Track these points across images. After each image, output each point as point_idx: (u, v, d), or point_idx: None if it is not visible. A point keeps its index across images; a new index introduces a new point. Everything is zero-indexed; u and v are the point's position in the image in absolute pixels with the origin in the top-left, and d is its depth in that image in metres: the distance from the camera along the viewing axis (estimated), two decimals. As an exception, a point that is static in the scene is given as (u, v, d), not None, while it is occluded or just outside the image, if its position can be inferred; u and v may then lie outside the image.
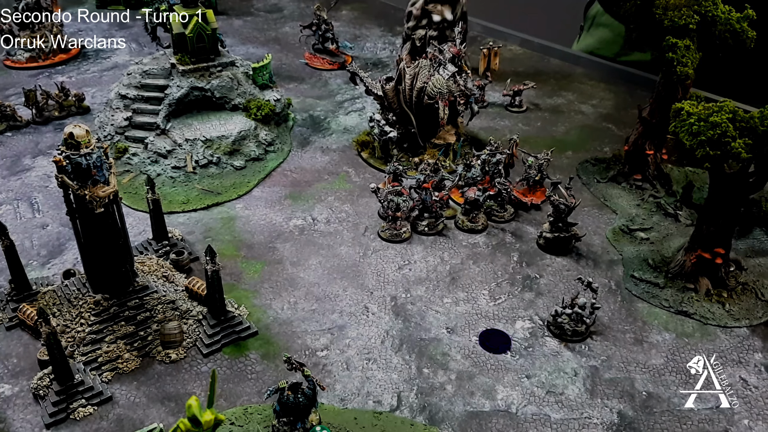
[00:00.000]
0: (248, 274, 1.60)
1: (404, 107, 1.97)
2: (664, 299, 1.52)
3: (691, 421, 1.26)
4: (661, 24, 1.69)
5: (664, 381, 1.34)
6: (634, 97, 2.50)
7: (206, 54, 2.05)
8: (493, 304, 1.52)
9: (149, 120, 2.02)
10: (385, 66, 2.75)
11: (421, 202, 1.75)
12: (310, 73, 2.67)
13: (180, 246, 1.63)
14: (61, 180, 1.23)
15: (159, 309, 1.40)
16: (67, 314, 1.37)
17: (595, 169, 2.04)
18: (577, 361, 1.38)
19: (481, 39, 2.88)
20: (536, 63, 2.82)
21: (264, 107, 2.08)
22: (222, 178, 1.94)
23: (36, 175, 1.97)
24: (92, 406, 1.26)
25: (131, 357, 1.35)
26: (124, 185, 1.89)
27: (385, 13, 3.28)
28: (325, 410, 1.24)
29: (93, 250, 1.32)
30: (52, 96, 2.24)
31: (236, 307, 1.47)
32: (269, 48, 2.86)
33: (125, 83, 2.10)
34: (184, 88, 2.00)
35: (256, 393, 1.30)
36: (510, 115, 2.40)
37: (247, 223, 1.79)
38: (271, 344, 1.41)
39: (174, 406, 1.27)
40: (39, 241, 1.70)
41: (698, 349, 1.42)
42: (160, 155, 1.96)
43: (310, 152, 2.12)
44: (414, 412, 1.26)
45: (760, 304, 1.51)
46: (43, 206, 1.84)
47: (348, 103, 2.42)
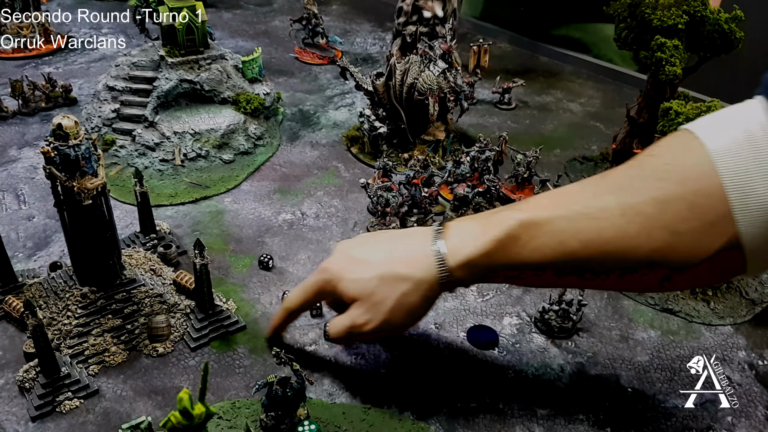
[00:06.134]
0: (236, 268, 1.60)
1: (394, 103, 1.97)
2: (649, 297, 1.53)
3: (676, 418, 1.27)
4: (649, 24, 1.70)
5: (650, 378, 1.36)
6: (621, 95, 2.52)
7: (195, 47, 2.04)
8: (481, 300, 1.53)
9: (137, 112, 2.01)
10: (375, 61, 2.75)
11: (411, 197, 1.75)
12: (300, 68, 2.67)
13: (168, 239, 1.62)
14: (49, 171, 1.22)
15: (146, 302, 1.39)
16: (54, 307, 1.36)
17: (583, 167, 2.05)
18: (563, 357, 1.39)
19: (471, 36, 2.89)
20: (525, 61, 2.83)
21: (253, 101, 2.07)
22: (210, 172, 1.93)
23: (22, 166, 1.95)
24: (79, 399, 1.25)
25: (118, 350, 1.34)
26: (112, 178, 1.87)
27: (376, 8, 3.27)
28: (314, 404, 1.24)
29: (80, 243, 1.31)
30: (39, 87, 2.21)
31: (224, 301, 1.47)
32: (259, 41, 2.85)
33: (113, 75, 2.08)
34: (172, 80, 1.99)
35: (244, 387, 1.29)
36: (499, 112, 2.40)
37: (236, 217, 1.78)
38: (260, 338, 1.40)
39: (161, 399, 1.26)
40: (25, 233, 1.68)
41: (683, 346, 1.43)
42: (148, 148, 1.94)
43: (299, 147, 2.11)
44: (402, 406, 1.26)
45: (744, 302, 1.53)
46: (30, 198, 1.82)
47: (338, 98, 2.42)
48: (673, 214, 0.92)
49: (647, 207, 0.94)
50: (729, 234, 0.90)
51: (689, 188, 0.91)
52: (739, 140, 0.88)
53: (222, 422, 1.20)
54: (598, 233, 0.97)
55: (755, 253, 0.92)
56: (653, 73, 1.76)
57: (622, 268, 1.02)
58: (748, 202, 0.87)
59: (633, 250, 0.96)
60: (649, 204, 0.94)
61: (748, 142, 0.88)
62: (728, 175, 0.88)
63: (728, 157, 0.88)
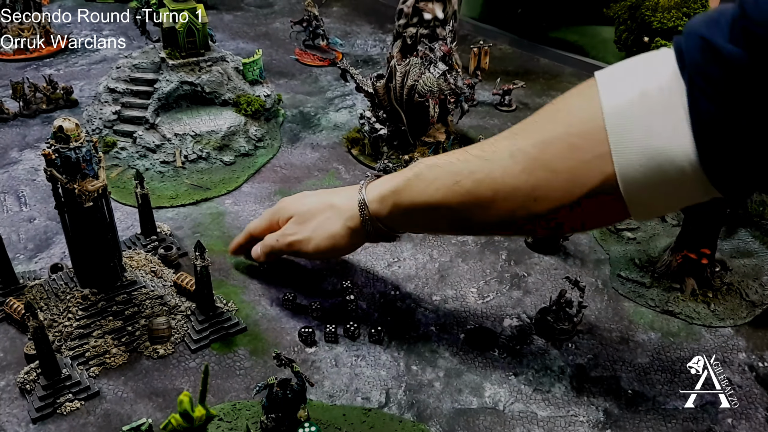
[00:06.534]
0: (237, 270, 1.60)
1: (395, 105, 1.97)
2: (650, 299, 1.53)
3: (676, 420, 1.27)
4: (649, 26, 1.70)
5: (650, 380, 1.36)
6: (622, 97, 2.52)
7: (196, 48, 2.04)
8: (481, 302, 1.53)
9: (138, 114, 2.01)
10: (375, 63, 2.76)
11: (411, 199, 1.75)
12: (301, 69, 2.67)
13: (168, 241, 1.63)
14: (50, 173, 1.22)
15: (147, 304, 1.39)
16: (55, 308, 1.36)
17: (584, 169, 2.05)
18: (563, 359, 1.39)
19: (471, 38, 2.89)
20: (525, 62, 2.83)
21: (254, 103, 2.07)
22: (211, 174, 1.93)
23: (23, 168, 1.95)
24: (79, 400, 1.25)
25: (119, 352, 1.34)
26: (113, 179, 1.88)
27: (376, 10, 3.28)
28: (314, 406, 1.25)
29: (81, 245, 1.32)
30: (40, 89, 2.22)
31: (225, 302, 1.47)
32: (259, 43, 2.85)
33: (114, 77, 2.08)
34: (173, 82, 1.99)
35: (245, 389, 1.29)
36: (499, 114, 2.41)
37: (237, 218, 1.78)
38: (260, 340, 1.41)
39: (162, 401, 1.27)
40: (26, 235, 1.68)
41: (683, 348, 1.43)
42: (148, 149, 1.94)
43: (300, 148, 2.12)
44: (402, 408, 1.26)
45: (745, 304, 1.53)
46: (31, 200, 1.82)
47: (338, 100, 2.42)
48: (553, 154, 0.98)
49: (532, 148, 1.01)
50: (606, 173, 0.93)
51: (572, 130, 0.97)
52: (632, 98, 0.91)
53: (223, 424, 1.20)
54: (488, 173, 1.06)
55: (633, 195, 0.93)
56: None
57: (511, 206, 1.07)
58: (626, 144, 0.90)
59: (517, 188, 1.03)
60: (534, 145, 1.01)
61: (640, 99, 0.90)
62: (611, 119, 0.91)
63: (617, 110, 0.92)
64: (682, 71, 0.86)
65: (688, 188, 0.93)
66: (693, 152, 0.88)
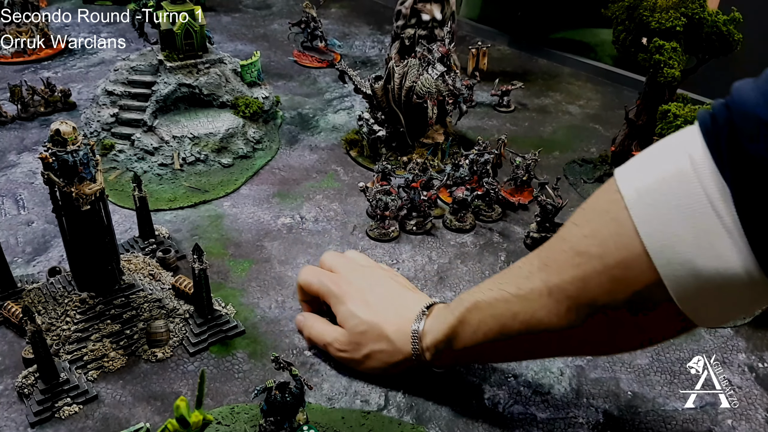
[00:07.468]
0: (236, 273, 1.60)
1: (393, 106, 1.97)
2: (649, 299, 1.52)
3: (675, 421, 1.27)
4: (647, 26, 1.70)
5: (649, 381, 1.35)
6: (621, 97, 2.52)
7: (194, 51, 2.04)
8: (480, 303, 1.52)
9: (136, 117, 2.01)
10: (373, 65, 2.76)
11: (410, 201, 1.75)
12: (299, 71, 2.67)
13: (167, 244, 1.62)
14: (47, 177, 1.22)
15: (145, 307, 1.39)
16: (53, 312, 1.36)
17: (582, 170, 2.05)
18: (563, 360, 1.39)
19: (469, 39, 2.89)
20: (524, 63, 2.83)
21: (252, 105, 2.07)
22: (209, 176, 1.93)
23: (21, 171, 1.95)
24: (78, 404, 1.24)
25: (117, 355, 1.34)
26: (111, 182, 1.87)
27: (374, 11, 3.28)
28: (313, 409, 1.24)
29: (79, 248, 1.31)
30: (38, 92, 2.21)
31: (223, 305, 1.46)
32: (258, 45, 2.85)
33: (112, 79, 2.08)
34: (171, 84, 1.99)
35: (243, 392, 1.29)
36: (498, 115, 2.41)
37: (235, 221, 1.78)
38: (259, 343, 1.40)
39: (160, 405, 1.26)
40: (24, 238, 1.68)
41: (683, 349, 1.43)
42: (146, 152, 1.94)
43: (298, 150, 2.11)
44: (402, 411, 1.26)
45: (744, 304, 1.52)
46: (29, 203, 1.82)
47: (337, 102, 2.42)
48: (596, 290, 0.89)
49: (570, 286, 0.92)
50: (658, 299, 0.83)
51: (608, 262, 0.85)
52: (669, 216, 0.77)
53: (221, 427, 1.20)
54: (532, 314, 0.98)
55: (698, 312, 0.83)
56: (652, 76, 1.76)
57: (560, 343, 1.04)
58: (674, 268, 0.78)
59: (565, 328, 0.97)
60: (571, 283, 0.92)
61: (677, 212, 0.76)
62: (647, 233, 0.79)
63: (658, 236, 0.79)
64: (722, 170, 0.72)
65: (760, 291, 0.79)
66: (754, 267, 0.74)
